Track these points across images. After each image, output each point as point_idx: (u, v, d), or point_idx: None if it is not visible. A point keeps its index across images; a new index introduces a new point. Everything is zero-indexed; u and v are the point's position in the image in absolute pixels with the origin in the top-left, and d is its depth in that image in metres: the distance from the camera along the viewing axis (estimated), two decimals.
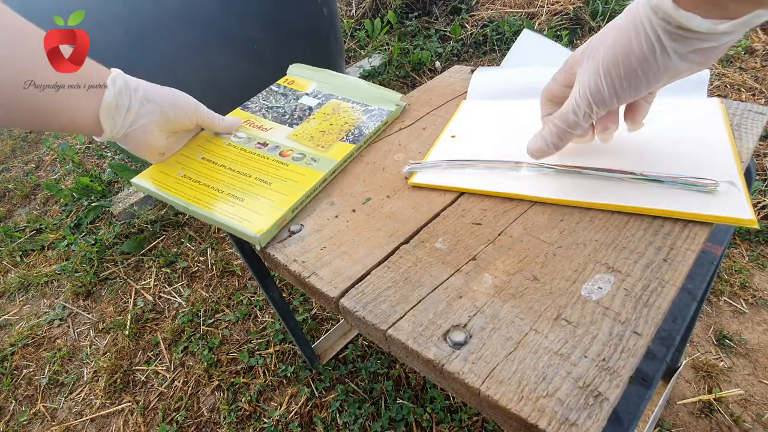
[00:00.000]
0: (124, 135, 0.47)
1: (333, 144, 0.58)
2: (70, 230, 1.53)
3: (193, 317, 1.13)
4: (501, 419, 0.30)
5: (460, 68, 0.77)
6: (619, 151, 0.46)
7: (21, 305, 1.33)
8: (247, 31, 1.38)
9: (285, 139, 0.60)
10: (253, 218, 0.48)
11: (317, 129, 0.61)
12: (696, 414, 0.77)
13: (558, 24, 1.86)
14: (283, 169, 0.54)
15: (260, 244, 0.47)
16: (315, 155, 0.56)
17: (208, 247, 1.33)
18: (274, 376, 0.96)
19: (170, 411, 0.95)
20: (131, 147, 0.50)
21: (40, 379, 1.09)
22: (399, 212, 0.47)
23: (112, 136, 0.46)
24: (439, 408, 0.83)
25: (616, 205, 0.40)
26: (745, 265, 0.99)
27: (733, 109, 0.50)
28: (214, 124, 0.57)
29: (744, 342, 0.86)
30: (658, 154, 0.45)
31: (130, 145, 0.49)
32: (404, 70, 1.92)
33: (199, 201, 0.51)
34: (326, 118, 0.63)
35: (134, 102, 0.46)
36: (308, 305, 1.08)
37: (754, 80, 1.45)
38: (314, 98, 0.68)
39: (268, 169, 0.55)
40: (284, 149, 0.58)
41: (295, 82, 0.73)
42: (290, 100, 0.68)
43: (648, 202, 0.40)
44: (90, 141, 2.09)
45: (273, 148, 0.58)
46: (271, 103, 0.68)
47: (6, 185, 1.94)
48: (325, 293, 0.40)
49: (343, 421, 0.85)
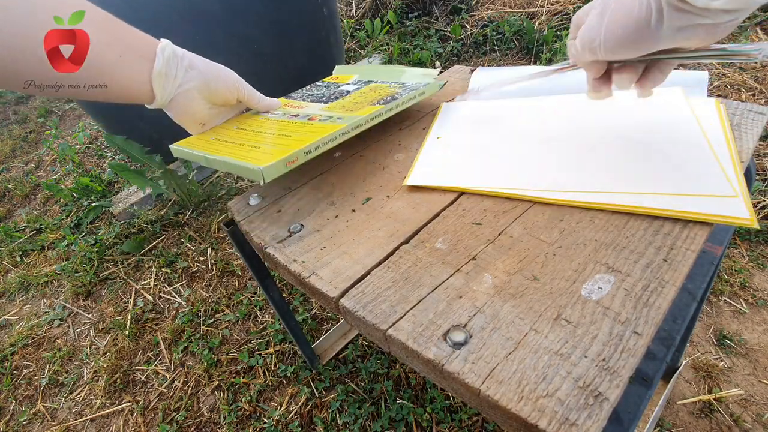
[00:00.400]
0: (170, 101, 0.50)
1: (363, 107, 0.58)
2: (70, 230, 1.53)
3: (193, 317, 1.13)
4: (501, 419, 0.30)
5: (460, 68, 0.77)
6: (604, 158, 0.46)
7: (21, 305, 1.33)
8: (247, 30, 1.39)
9: (317, 111, 0.60)
10: (262, 157, 0.46)
11: (351, 102, 0.61)
12: (696, 414, 0.77)
13: (558, 24, 1.86)
14: (306, 126, 0.54)
15: (263, 179, 0.44)
16: (341, 115, 0.56)
17: (208, 247, 1.33)
18: (274, 376, 0.96)
19: (170, 411, 0.95)
20: (175, 114, 0.52)
21: (40, 379, 1.09)
22: (399, 212, 0.47)
23: (161, 102, 0.49)
24: (439, 408, 0.83)
25: (616, 205, 0.40)
26: (745, 265, 0.99)
27: (733, 109, 0.50)
28: (253, 101, 0.58)
29: (744, 342, 0.86)
30: (648, 161, 0.45)
31: (174, 112, 0.52)
32: None
33: (218, 152, 0.50)
34: (362, 95, 0.64)
35: (180, 69, 0.49)
36: (308, 305, 1.08)
37: (754, 80, 1.45)
38: (354, 85, 0.69)
39: (292, 127, 0.54)
40: (313, 115, 0.58)
41: (338, 77, 0.75)
42: (331, 89, 0.70)
43: (648, 202, 0.40)
44: (90, 141, 2.09)
45: (303, 117, 0.58)
46: (312, 92, 0.70)
47: (6, 185, 1.94)
48: (325, 293, 0.40)
49: (343, 421, 0.85)
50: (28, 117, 2.57)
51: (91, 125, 2.19)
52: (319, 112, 0.59)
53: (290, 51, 1.51)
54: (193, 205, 1.48)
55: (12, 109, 2.73)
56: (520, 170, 0.48)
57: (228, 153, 0.49)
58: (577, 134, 0.50)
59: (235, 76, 0.56)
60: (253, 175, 0.44)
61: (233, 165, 0.47)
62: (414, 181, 0.51)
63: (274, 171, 0.44)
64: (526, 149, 0.51)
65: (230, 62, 1.56)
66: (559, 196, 0.43)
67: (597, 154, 0.47)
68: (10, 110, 2.73)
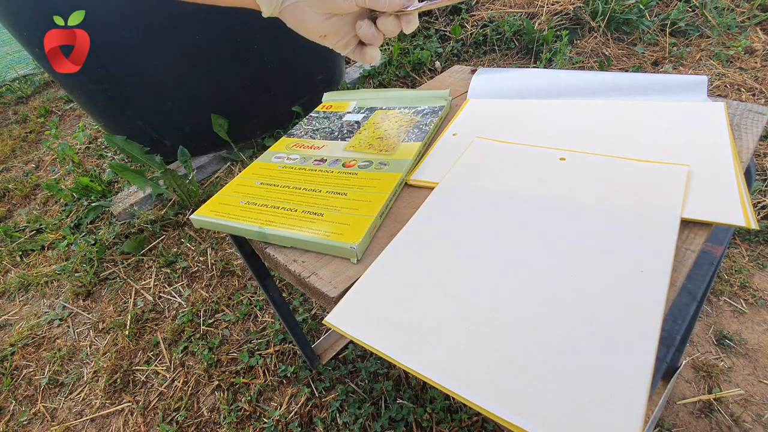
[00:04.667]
0: (279, 13, 0.46)
1: (397, 147, 0.55)
2: (70, 230, 1.53)
3: (193, 317, 1.13)
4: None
5: (460, 68, 0.77)
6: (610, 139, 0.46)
7: (21, 305, 1.33)
8: (247, 30, 1.39)
9: (342, 152, 0.57)
10: (343, 230, 0.43)
11: (373, 137, 0.59)
12: (696, 414, 0.77)
13: (558, 24, 1.86)
14: (353, 178, 0.51)
15: (357, 257, 0.42)
16: (383, 160, 0.53)
17: (208, 247, 1.33)
18: (274, 376, 0.96)
19: (170, 411, 0.95)
20: (290, 24, 0.48)
21: (40, 379, 1.09)
22: (399, 212, 0.47)
23: (270, 12, 0.46)
24: (439, 408, 0.83)
25: None
26: (745, 265, 0.99)
27: (733, 109, 0.50)
28: (380, 3, 0.49)
29: (744, 342, 0.86)
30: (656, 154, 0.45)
31: (288, 22, 0.48)
32: (404, 70, 1.92)
33: (272, 223, 0.46)
34: (378, 126, 0.61)
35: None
36: (308, 305, 1.08)
37: (754, 80, 1.45)
38: (358, 114, 0.66)
39: (336, 181, 0.51)
40: (346, 161, 0.55)
41: (332, 105, 0.71)
42: (333, 120, 0.66)
43: None
44: (90, 141, 2.09)
45: (333, 162, 0.55)
46: (315, 126, 0.66)
47: (6, 185, 1.94)
48: (325, 293, 0.40)
49: (343, 421, 0.85)
50: (28, 117, 2.57)
51: (91, 125, 2.19)
52: (350, 155, 0.56)
53: (291, 51, 1.52)
54: (193, 205, 1.48)
55: (12, 109, 2.73)
56: None
57: (286, 225, 0.45)
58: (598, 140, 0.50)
59: None
60: (344, 253, 0.42)
61: (312, 243, 0.43)
62: (418, 176, 0.51)
63: (364, 246, 0.42)
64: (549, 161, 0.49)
65: (230, 63, 1.56)
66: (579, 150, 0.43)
67: None
68: (10, 110, 2.73)
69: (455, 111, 0.63)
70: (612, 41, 1.81)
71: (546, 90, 0.62)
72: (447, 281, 0.37)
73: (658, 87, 0.56)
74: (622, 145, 0.47)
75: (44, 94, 2.81)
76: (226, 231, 0.49)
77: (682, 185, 0.40)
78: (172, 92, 1.43)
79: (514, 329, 0.32)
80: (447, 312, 0.34)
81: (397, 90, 0.70)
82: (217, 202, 0.52)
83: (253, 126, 1.63)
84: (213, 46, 1.35)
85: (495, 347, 0.31)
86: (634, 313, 0.31)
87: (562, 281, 0.34)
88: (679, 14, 1.78)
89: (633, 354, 0.29)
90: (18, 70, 3.14)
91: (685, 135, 0.47)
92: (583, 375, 0.28)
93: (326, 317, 0.37)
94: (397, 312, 0.35)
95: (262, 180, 0.55)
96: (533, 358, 0.30)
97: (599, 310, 0.32)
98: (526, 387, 0.28)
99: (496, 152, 0.51)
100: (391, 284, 0.38)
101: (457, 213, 0.44)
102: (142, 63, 1.34)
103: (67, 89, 1.52)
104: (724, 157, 0.43)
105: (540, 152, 0.49)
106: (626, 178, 0.43)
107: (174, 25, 1.28)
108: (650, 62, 1.68)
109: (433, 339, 0.33)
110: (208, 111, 1.49)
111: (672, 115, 0.50)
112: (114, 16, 1.21)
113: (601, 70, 1.67)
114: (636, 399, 0.26)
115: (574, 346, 0.30)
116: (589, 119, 0.53)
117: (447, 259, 0.39)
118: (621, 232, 0.37)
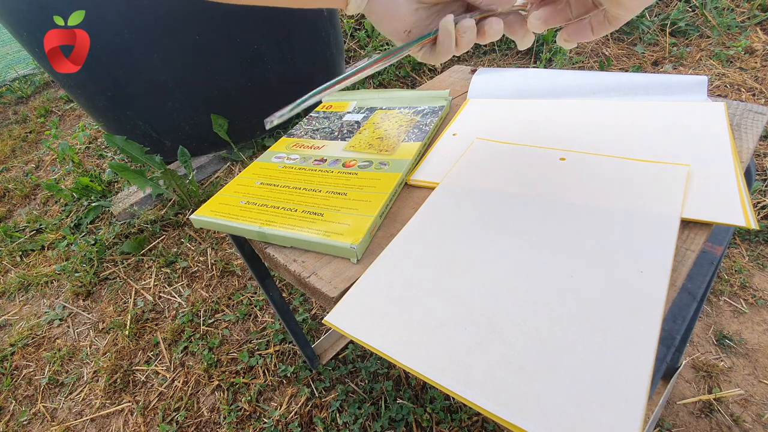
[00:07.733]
0: (367, 4, 0.42)
1: (397, 146, 0.56)
2: (70, 230, 1.53)
3: (193, 317, 1.13)
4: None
5: (460, 68, 0.77)
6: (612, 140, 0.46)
7: (21, 305, 1.33)
8: (248, 31, 1.39)
9: (342, 152, 0.57)
10: (342, 230, 0.43)
11: (373, 137, 0.59)
12: (696, 414, 0.77)
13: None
14: (353, 178, 0.51)
15: (357, 257, 0.42)
16: (383, 160, 0.54)
17: (208, 247, 1.33)
18: (274, 376, 0.96)
19: (170, 411, 0.95)
20: (375, 19, 0.44)
21: (40, 379, 1.09)
22: (399, 212, 0.47)
23: (356, 8, 0.43)
24: (439, 408, 0.83)
25: None
26: (745, 265, 0.99)
27: (733, 109, 0.50)
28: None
29: (744, 342, 0.86)
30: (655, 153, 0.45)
31: (374, 17, 0.44)
32: (404, 70, 1.92)
33: (272, 223, 0.46)
34: (378, 126, 0.61)
35: None
36: (308, 305, 1.08)
37: (754, 80, 1.45)
38: (358, 114, 0.66)
39: (336, 181, 0.51)
40: (346, 161, 0.55)
41: (332, 105, 0.71)
42: (333, 120, 0.66)
43: None
44: (90, 141, 2.09)
45: (333, 162, 0.55)
46: (315, 126, 0.66)
47: (6, 185, 1.94)
48: (325, 293, 0.40)
49: (343, 421, 0.85)
50: (28, 117, 2.57)
51: (91, 125, 2.19)
52: (349, 155, 0.56)
53: (290, 51, 1.52)
54: (193, 205, 1.48)
55: (12, 109, 2.73)
56: None
57: (286, 225, 0.46)
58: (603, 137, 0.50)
59: None
60: (344, 253, 0.42)
61: (312, 242, 0.43)
62: (418, 176, 0.51)
63: (364, 246, 0.42)
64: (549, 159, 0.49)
65: (231, 62, 1.56)
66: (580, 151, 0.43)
67: None
68: (10, 110, 2.73)
69: (455, 111, 0.63)
70: (612, 41, 1.81)
71: (546, 90, 0.62)
72: (447, 281, 0.37)
73: (658, 87, 0.56)
74: (622, 145, 0.47)
75: (44, 94, 2.81)
76: (226, 231, 0.50)
77: (682, 185, 0.40)
78: (172, 92, 1.43)
79: (514, 329, 0.32)
80: (447, 312, 0.34)
81: (397, 90, 0.70)
82: (217, 202, 0.52)
83: (253, 126, 1.63)
84: (213, 46, 1.35)
85: (495, 347, 0.31)
86: (634, 313, 0.31)
87: (562, 281, 0.34)
88: (679, 14, 1.78)
89: (633, 354, 0.29)
90: (18, 70, 3.14)
91: (685, 135, 0.47)
92: (583, 375, 0.28)
93: (326, 317, 0.37)
94: (397, 312, 0.35)
95: (262, 180, 0.55)
96: (533, 358, 0.30)
97: (599, 309, 0.32)
98: (525, 387, 0.28)
99: (496, 152, 0.51)
100: (391, 284, 0.38)
101: (458, 213, 0.44)
102: (142, 63, 1.34)
103: (67, 89, 1.52)
104: (724, 157, 0.43)
105: (540, 152, 0.49)
106: (626, 178, 0.43)
107: (174, 25, 1.28)
108: (650, 62, 1.68)
109: (433, 339, 0.33)
110: (208, 111, 1.49)
111: (672, 115, 0.50)
112: (114, 16, 1.22)
113: (601, 70, 1.67)
114: (636, 399, 0.26)
115: (574, 345, 0.30)
116: (589, 119, 0.53)
117: (447, 259, 0.39)
118: (621, 231, 0.37)
